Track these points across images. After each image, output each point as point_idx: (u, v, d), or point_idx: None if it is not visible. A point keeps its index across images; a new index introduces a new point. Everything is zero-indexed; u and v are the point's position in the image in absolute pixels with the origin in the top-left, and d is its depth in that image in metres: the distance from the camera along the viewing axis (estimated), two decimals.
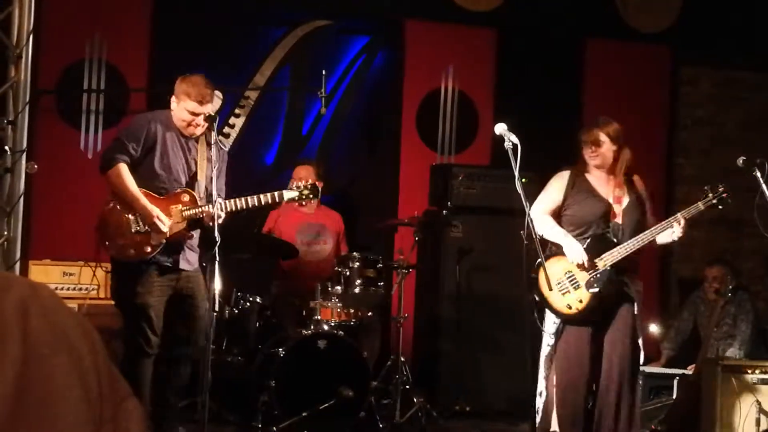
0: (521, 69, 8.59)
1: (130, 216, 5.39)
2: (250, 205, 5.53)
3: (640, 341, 5.60)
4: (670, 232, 5.50)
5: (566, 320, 5.54)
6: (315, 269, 7.31)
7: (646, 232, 5.50)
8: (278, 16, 8.32)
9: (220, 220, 5.30)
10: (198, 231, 5.60)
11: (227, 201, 5.48)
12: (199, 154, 5.62)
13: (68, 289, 6.71)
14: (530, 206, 5.22)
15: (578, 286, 5.50)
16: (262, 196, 5.53)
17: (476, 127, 8.55)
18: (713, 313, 7.31)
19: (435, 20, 8.52)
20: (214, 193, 5.28)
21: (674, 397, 6.83)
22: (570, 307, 5.50)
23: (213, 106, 5.62)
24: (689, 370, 7.02)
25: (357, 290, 6.74)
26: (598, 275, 5.49)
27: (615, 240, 5.53)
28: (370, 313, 6.96)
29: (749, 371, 6.14)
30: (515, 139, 5.13)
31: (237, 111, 8.05)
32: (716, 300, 7.48)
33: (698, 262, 8.63)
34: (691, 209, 5.52)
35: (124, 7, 7.75)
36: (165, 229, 5.37)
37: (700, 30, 8.84)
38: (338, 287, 6.71)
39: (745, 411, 6.01)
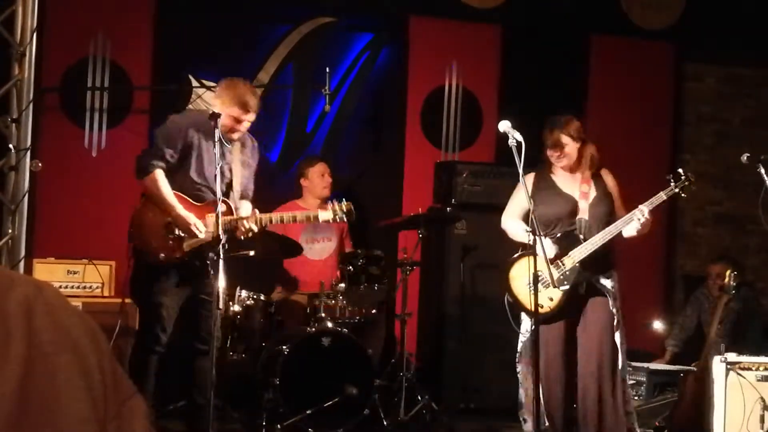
0: (525, 66, 8.58)
1: (165, 220, 5.43)
2: (285, 221, 5.65)
3: (618, 337, 5.54)
4: (634, 225, 5.44)
5: (540, 320, 5.40)
6: (319, 267, 7.31)
7: (611, 226, 5.47)
8: (282, 13, 8.31)
9: (252, 233, 5.43)
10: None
11: (263, 216, 5.53)
12: (233, 159, 5.62)
13: (72, 287, 6.71)
14: (534, 204, 5.21)
15: (548, 284, 5.44)
16: (298, 214, 5.74)
17: (480, 124, 8.54)
18: (717, 310, 7.30)
19: (439, 17, 8.51)
20: (218, 187, 5.27)
21: (678, 393, 6.82)
22: (542, 306, 5.40)
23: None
24: (693, 367, 7.01)
25: (361, 287, 6.74)
26: (567, 272, 5.47)
27: (582, 236, 5.50)
28: (374, 311, 6.96)
29: (753, 368, 6.13)
30: (519, 137, 5.13)
31: None
32: (720, 297, 7.47)
33: (703, 258, 8.63)
34: (653, 200, 5.47)
35: (127, 6, 7.75)
36: (202, 236, 5.38)
37: (705, 26, 8.83)
38: (342, 285, 6.71)
39: (749, 408, 6.01)
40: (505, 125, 5.20)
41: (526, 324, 5.64)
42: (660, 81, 9.07)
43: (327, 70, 7.07)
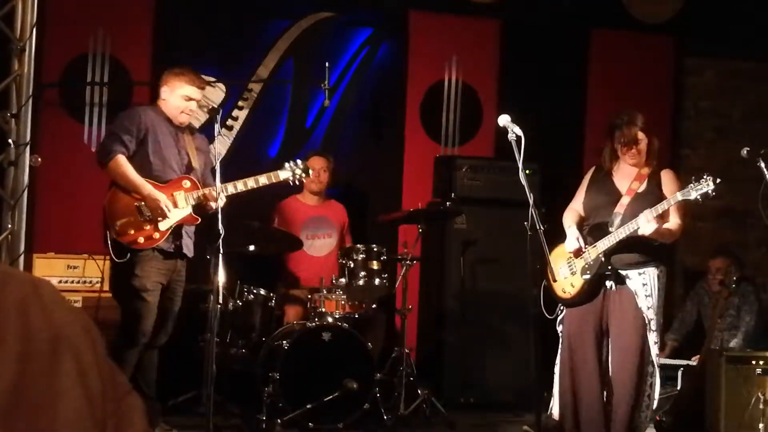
0: (525, 60, 8.57)
1: (136, 204, 5.52)
2: (249, 187, 5.75)
3: (650, 333, 5.52)
4: (651, 226, 5.35)
5: (563, 303, 5.66)
6: (319, 262, 7.31)
7: (632, 221, 5.43)
8: (281, 8, 8.30)
9: (222, 203, 5.49)
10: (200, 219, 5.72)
11: (227, 184, 5.67)
12: (188, 143, 5.80)
13: (72, 282, 6.71)
14: (533, 197, 5.21)
15: (574, 272, 5.57)
16: (259, 177, 5.81)
17: (480, 118, 8.53)
18: (717, 305, 7.30)
19: (438, 11, 8.50)
20: (218, 179, 5.38)
21: (679, 388, 6.83)
22: (564, 291, 5.62)
23: (215, 98, 5.78)
24: (693, 361, 7.02)
25: (361, 282, 6.74)
26: (591, 262, 5.50)
27: (611, 229, 5.50)
28: (374, 306, 6.97)
29: (753, 362, 6.13)
30: (519, 131, 5.13)
31: (240, 104, 8.05)
32: (720, 291, 7.47)
33: (703, 253, 8.62)
34: (664, 203, 5.38)
35: (127, 1, 7.75)
36: (171, 214, 5.47)
37: (705, 20, 8.81)
38: (342, 279, 6.72)
39: (749, 402, 6.01)
40: (504, 119, 5.20)
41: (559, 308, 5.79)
42: (660, 75, 9.06)
43: (327, 65, 7.06)
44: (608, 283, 5.54)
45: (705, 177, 5.29)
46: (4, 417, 0.90)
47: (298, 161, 6.09)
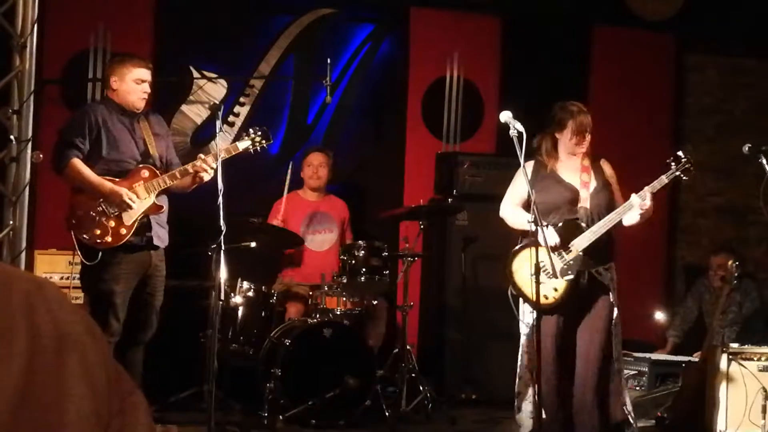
0: (527, 57, 8.56)
1: (98, 204, 5.52)
2: (220, 158, 5.57)
3: (613, 328, 5.50)
4: (636, 212, 5.37)
5: (543, 311, 5.35)
6: (320, 257, 7.31)
7: (612, 213, 5.40)
8: (283, 4, 8.30)
9: (208, 177, 5.59)
10: (167, 206, 5.73)
11: (187, 166, 5.67)
12: (144, 131, 5.76)
13: (74, 278, 6.70)
14: (535, 194, 5.19)
15: (551, 275, 5.40)
16: (224, 151, 5.69)
17: (482, 114, 8.53)
18: (719, 301, 7.30)
19: (440, 8, 8.50)
20: (219, 177, 5.38)
21: (680, 384, 6.83)
22: (546, 297, 5.39)
23: (217, 94, 5.76)
24: (695, 358, 7.02)
25: (362, 279, 6.74)
26: (571, 262, 5.42)
27: (584, 225, 5.47)
28: (375, 302, 6.98)
29: (755, 358, 6.14)
30: (520, 127, 5.12)
31: (242, 100, 8.04)
32: (722, 287, 7.47)
33: (704, 249, 8.62)
34: (655, 184, 5.42)
35: None
36: (135, 206, 5.47)
37: (706, 17, 8.81)
38: (343, 276, 6.72)
39: (750, 398, 6.01)
40: (506, 116, 5.19)
41: (527, 317, 5.59)
42: (661, 72, 9.06)
43: (328, 61, 7.06)
44: (582, 280, 5.48)
45: (682, 155, 5.46)
46: (12, 415, 0.90)
47: (257, 128, 5.99)
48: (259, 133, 5.94)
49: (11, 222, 5.20)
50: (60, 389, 0.95)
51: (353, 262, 6.75)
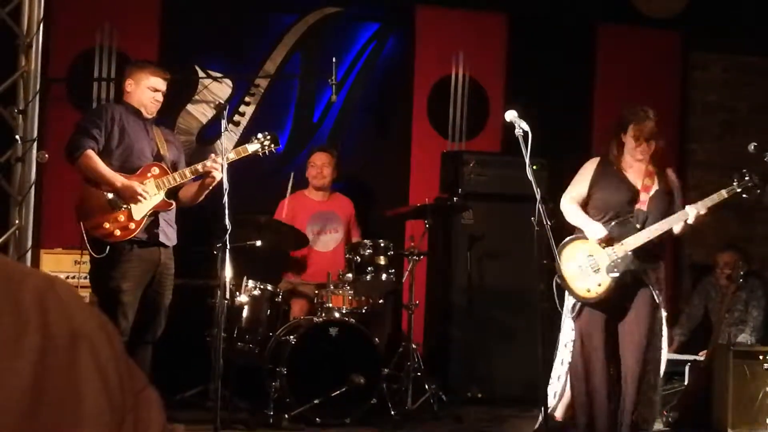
0: (532, 55, 8.56)
1: (107, 197, 5.55)
2: (229, 160, 5.69)
3: (662, 329, 5.51)
4: (684, 221, 5.42)
5: (584, 303, 5.53)
6: (326, 257, 7.31)
7: (663, 221, 5.42)
8: (288, 3, 8.30)
9: (216, 180, 5.62)
10: (175, 205, 5.75)
11: (196, 165, 5.73)
12: (156, 135, 5.85)
13: (80, 277, 6.71)
14: (540, 193, 5.19)
15: (599, 269, 5.46)
16: (233, 152, 5.84)
17: (487, 113, 8.53)
18: (725, 299, 7.29)
19: (446, 6, 8.50)
20: (224, 177, 5.39)
21: (686, 383, 6.83)
22: (589, 291, 5.48)
23: (222, 93, 5.81)
24: (701, 356, 7.01)
25: (368, 277, 6.75)
26: (619, 259, 5.42)
27: (638, 226, 5.47)
28: (381, 301, 6.98)
29: (761, 357, 6.13)
30: (526, 126, 5.12)
31: (247, 99, 8.05)
32: (728, 286, 7.46)
33: (710, 247, 8.60)
34: (714, 197, 5.43)
35: None
36: (147, 199, 5.49)
37: (711, 15, 8.80)
38: (349, 274, 6.72)
39: (756, 397, 6.01)
40: (511, 115, 5.19)
41: (568, 303, 5.63)
42: (667, 70, 9.05)
43: (334, 59, 7.07)
44: (627, 279, 5.51)
45: (746, 172, 5.47)
46: (26, 413, 0.90)
47: (266, 134, 6.06)
48: (269, 137, 6.00)
49: (17, 221, 5.20)
50: (74, 386, 0.95)
51: (359, 260, 6.76)
